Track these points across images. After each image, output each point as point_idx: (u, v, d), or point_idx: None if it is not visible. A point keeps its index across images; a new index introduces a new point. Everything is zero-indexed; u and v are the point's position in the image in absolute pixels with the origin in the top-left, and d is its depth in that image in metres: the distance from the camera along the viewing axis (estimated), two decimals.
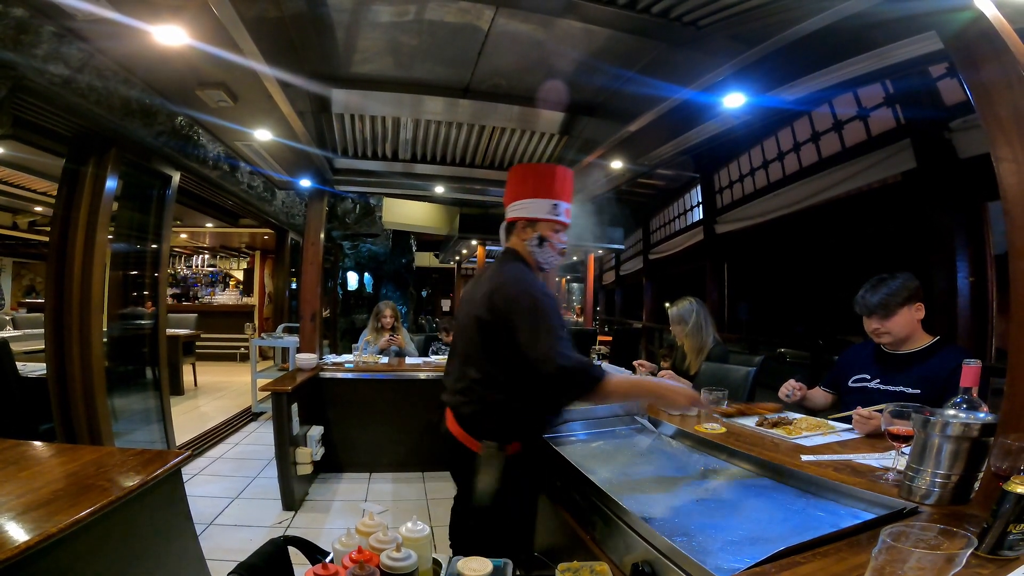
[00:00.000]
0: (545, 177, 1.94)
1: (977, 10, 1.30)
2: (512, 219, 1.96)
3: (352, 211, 8.67)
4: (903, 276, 2.17)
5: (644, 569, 1.27)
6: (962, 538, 0.85)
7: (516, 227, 1.95)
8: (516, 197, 1.95)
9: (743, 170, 6.23)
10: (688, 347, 3.51)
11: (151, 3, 2.20)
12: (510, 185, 1.99)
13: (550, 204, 1.91)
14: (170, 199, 4.32)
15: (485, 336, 1.79)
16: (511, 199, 1.97)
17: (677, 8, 2.21)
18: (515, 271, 1.85)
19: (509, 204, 1.97)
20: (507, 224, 1.98)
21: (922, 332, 2.18)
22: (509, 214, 1.97)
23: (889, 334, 2.18)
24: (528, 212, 1.92)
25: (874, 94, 4.12)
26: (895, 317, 2.15)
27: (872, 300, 2.18)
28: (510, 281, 1.80)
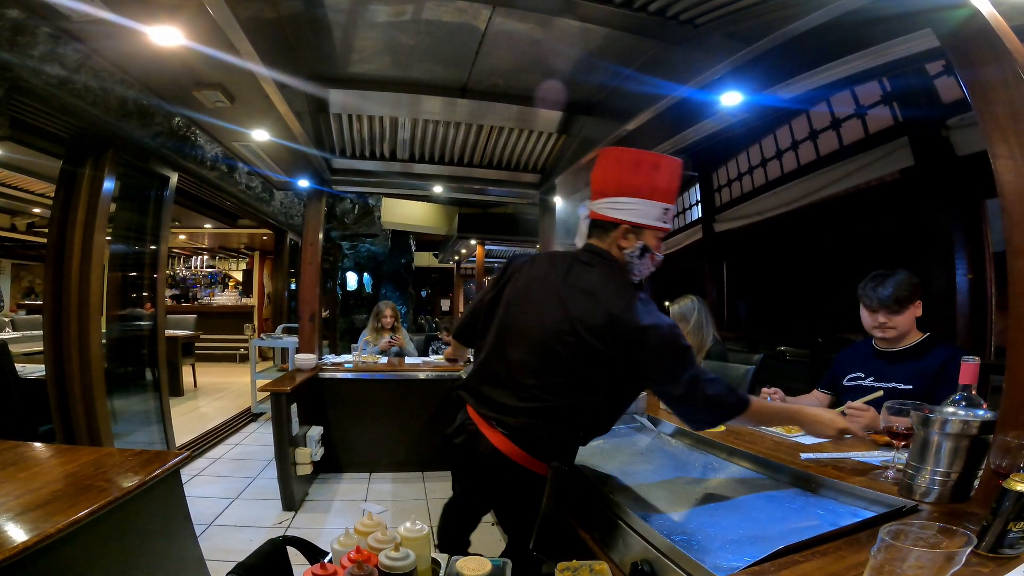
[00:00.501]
0: (662, 173, 1.57)
1: (973, 7, 1.30)
2: (611, 219, 1.58)
3: (351, 211, 8.67)
4: (904, 273, 2.17)
5: (643, 568, 1.27)
6: (961, 536, 0.85)
7: (615, 230, 1.59)
8: (620, 192, 1.57)
9: (741, 168, 6.23)
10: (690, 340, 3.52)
11: (147, 4, 2.20)
12: (608, 172, 1.60)
13: (661, 209, 1.58)
14: (168, 200, 4.32)
15: (590, 363, 1.49)
16: (609, 192, 1.59)
17: (674, 6, 2.20)
18: (629, 293, 1.52)
19: (604, 197, 1.60)
20: (601, 222, 1.62)
21: (915, 329, 2.21)
22: (605, 211, 1.59)
23: (895, 329, 2.19)
24: (635, 216, 1.57)
25: (871, 92, 4.12)
26: (904, 313, 2.16)
27: (884, 294, 2.18)
28: (632, 309, 1.46)
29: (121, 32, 2.39)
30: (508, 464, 1.56)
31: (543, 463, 1.54)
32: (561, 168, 4.31)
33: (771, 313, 6.38)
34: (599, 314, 1.47)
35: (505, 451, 1.55)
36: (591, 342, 1.46)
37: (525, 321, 1.62)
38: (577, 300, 1.52)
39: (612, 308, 1.47)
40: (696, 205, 7.48)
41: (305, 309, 4.39)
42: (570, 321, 1.50)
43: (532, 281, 1.67)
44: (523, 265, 1.75)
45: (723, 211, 6.71)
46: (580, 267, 1.60)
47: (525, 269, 1.73)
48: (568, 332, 1.49)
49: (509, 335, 1.64)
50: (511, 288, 1.72)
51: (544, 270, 1.67)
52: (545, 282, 1.63)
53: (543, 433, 1.56)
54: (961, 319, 3.49)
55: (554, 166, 4.44)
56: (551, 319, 1.54)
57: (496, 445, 1.56)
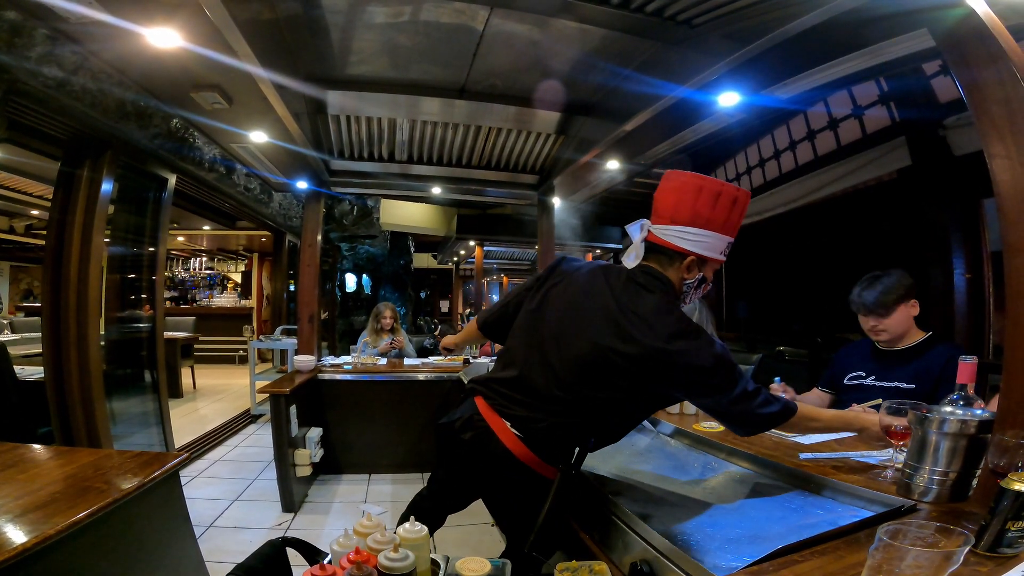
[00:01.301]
0: (737, 209, 1.53)
1: (969, 7, 1.30)
2: (681, 249, 1.52)
3: (349, 213, 8.67)
4: (897, 273, 2.17)
5: (643, 568, 1.27)
6: (959, 536, 0.85)
7: (682, 260, 1.54)
8: (694, 222, 1.51)
9: (739, 168, 6.23)
10: None
11: (144, 5, 2.20)
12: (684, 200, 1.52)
13: (727, 243, 1.55)
14: (166, 201, 4.32)
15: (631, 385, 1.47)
16: (681, 220, 1.52)
17: (671, 7, 2.21)
18: (686, 323, 1.47)
19: (675, 225, 1.53)
20: (667, 249, 1.54)
21: (916, 328, 2.20)
22: (675, 240, 1.52)
23: (887, 331, 2.19)
24: (704, 249, 1.52)
25: (869, 92, 4.12)
26: (893, 315, 2.16)
27: (869, 299, 2.19)
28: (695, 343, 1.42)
29: (119, 34, 2.39)
30: (518, 466, 1.55)
31: (552, 467, 1.54)
32: (559, 169, 4.31)
33: (770, 313, 6.38)
34: (652, 341, 1.42)
35: (517, 453, 1.54)
36: (638, 366, 1.44)
37: (570, 331, 1.57)
38: (631, 323, 1.47)
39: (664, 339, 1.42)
40: None
41: (304, 311, 4.39)
42: (622, 342, 1.45)
43: (583, 292, 1.62)
44: (573, 272, 1.71)
45: None
46: (636, 288, 1.54)
47: (575, 277, 1.68)
48: (616, 353, 1.45)
49: (548, 341, 1.60)
50: (558, 293, 1.67)
51: (598, 284, 1.60)
52: (598, 296, 1.57)
53: (561, 439, 1.55)
54: (959, 318, 3.50)
55: (552, 167, 4.44)
56: (600, 336, 1.49)
57: (508, 446, 1.55)
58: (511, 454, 1.54)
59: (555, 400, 1.53)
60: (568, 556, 1.19)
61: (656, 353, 1.41)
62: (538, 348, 1.61)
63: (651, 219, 1.60)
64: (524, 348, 1.65)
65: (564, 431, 1.55)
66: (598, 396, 1.51)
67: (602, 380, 1.49)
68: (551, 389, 1.54)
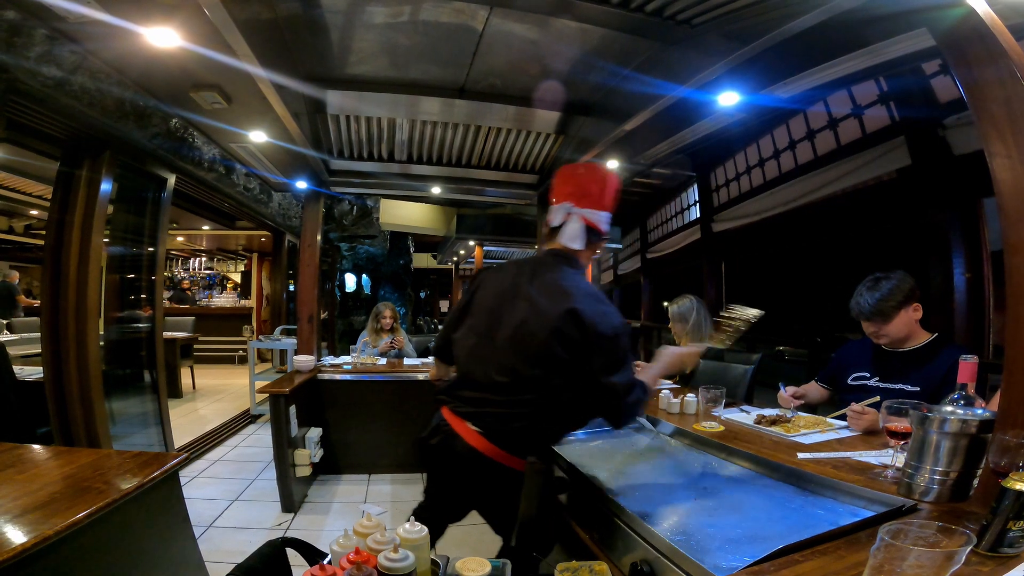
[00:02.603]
0: (617, 189, 1.80)
1: (968, 7, 1.30)
2: (597, 228, 1.76)
3: (349, 213, 8.66)
4: (897, 276, 2.15)
5: (643, 568, 1.27)
6: (961, 535, 0.85)
7: (598, 240, 1.78)
8: (601, 206, 1.76)
9: (739, 168, 6.24)
10: (686, 346, 3.51)
11: (143, 5, 2.19)
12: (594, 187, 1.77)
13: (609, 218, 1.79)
14: (166, 201, 4.31)
15: (567, 353, 1.59)
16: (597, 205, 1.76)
17: (671, 6, 2.21)
18: (595, 290, 1.69)
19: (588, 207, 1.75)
20: (588, 229, 1.75)
21: (920, 330, 2.17)
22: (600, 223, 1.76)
23: (887, 336, 2.17)
24: (605, 226, 1.77)
25: (868, 92, 4.13)
26: (893, 321, 2.13)
27: (867, 307, 2.16)
28: (601, 302, 1.64)
29: (118, 33, 2.39)
30: (484, 462, 1.63)
31: (519, 459, 1.60)
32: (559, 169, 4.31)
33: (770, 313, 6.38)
34: (573, 307, 1.57)
35: (481, 449, 1.62)
36: (568, 331, 1.56)
37: (497, 322, 1.70)
38: (547, 299, 1.63)
39: (580, 300, 1.59)
40: (694, 205, 7.49)
41: (304, 311, 4.39)
42: (540, 318, 1.61)
43: (501, 286, 1.78)
44: (489, 273, 1.88)
45: (721, 211, 6.72)
46: (547, 271, 1.72)
47: (491, 277, 1.86)
48: (551, 326, 1.58)
49: (482, 338, 1.73)
50: (480, 296, 1.83)
51: (511, 275, 1.78)
52: (515, 286, 1.73)
53: (517, 426, 1.63)
54: (959, 318, 3.50)
55: (552, 167, 4.44)
56: (521, 318, 1.65)
57: (472, 444, 1.63)
58: (476, 451, 1.62)
59: (499, 388, 1.64)
60: (568, 555, 1.19)
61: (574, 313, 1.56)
62: (476, 346, 1.74)
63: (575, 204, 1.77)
64: (466, 351, 1.78)
65: (519, 419, 1.63)
66: (535, 373, 1.61)
67: (533, 357, 1.60)
68: (491, 376, 1.65)
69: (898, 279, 2.14)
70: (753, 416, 2.32)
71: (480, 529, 3.04)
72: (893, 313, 2.13)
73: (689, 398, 2.49)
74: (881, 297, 2.13)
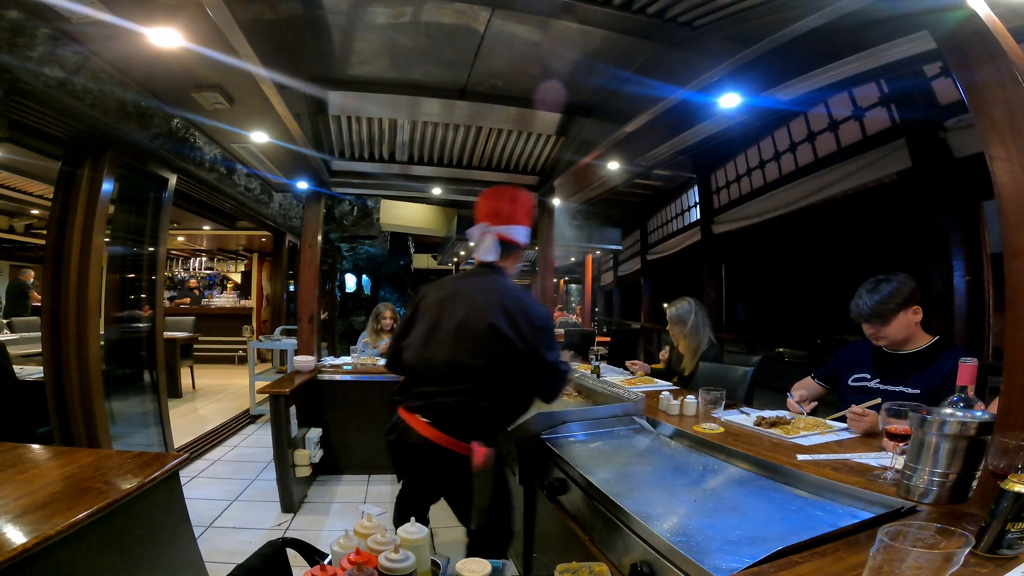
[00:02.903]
0: (533, 206, 2.23)
1: (970, 9, 1.30)
2: (512, 241, 2.09)
3: (350, 213, 8.67)
4: (898, 278, 2.14)
5: (643, 569, 1.28)
6: (960, 537, 0.85)
7: (515, 250, 2.12)
8: (513, 221, 2.08)
9: (740, 170, 6.24)
10: (684, 348, 3.51)
11: (146, 5, 2.20)
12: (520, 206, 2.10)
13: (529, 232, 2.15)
14: (167, 201, 4.32)
15: (502, 346, 1.88)
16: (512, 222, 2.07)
17: (672, 9, 2.21)
18: (521, 291, 2.04)
19: (507, 224, 2.06)
20: (505, 243, 2.07)
21: (921, 332, 2.17)
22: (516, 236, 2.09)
23: (886, 338, 2.17)
24: (524, 239, 2.12)
25: (869, 94, 4.13)
26: (891, 324, 2.13)
27: (866, 309, 2.15)
28: (526, 299, 1.99)
29: (120, 34, 2.39)
30: (435, 449, 1.88)
31: (465, 443, 1.86)
32: (560, 170, 4.32)
33: (770, 314, 6.39)
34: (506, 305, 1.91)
35: (431, 438, 1.88)
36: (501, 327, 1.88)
37: (439, 323, 1.99)
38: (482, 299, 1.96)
39: (511, 299, 1.94)
40: (695, 207, 7.50)
41: (304, 311, 4.39)
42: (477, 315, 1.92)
43: (441, 295, 2.07)
44: (431, 287, 2.16)
45: (722, 213, 6.72)
46: (478, 277, 2.07)
47: (433, 288, 2.14)
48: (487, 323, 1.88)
49: (428, 338, 1.99)
50: (424, 304, 2.10)
51: (449, 285, 2.11)
52: (454, 292, 2.05)
53: (463, 413, 1.89)
54: (959, 320, 3.50)
55: (553, 168, 4.45)
56: (461, 317, 1.94)
57: (423, 434, 1.89)
58: (427, 439, 1.89)
59: (444, 379, 1.90)
60: (568, 556, 1.19)
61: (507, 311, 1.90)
62: (422, 346, 2.00)
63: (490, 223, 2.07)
64: (414, 352, 2.02)
65: (464, 407, 1.89)
66: (476, 363, 1.88)
67: (473, 349, 1.89)
68: (437, 370, 1.92)
69: (899, 282, 2.13)
70: (753, 418, 2.32)
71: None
72: (891, 316, 2.12)
73: (689, 400, 2.49)
74: (880, 299, 2.12)
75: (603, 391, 2.86)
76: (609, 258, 12.01)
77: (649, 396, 2.70)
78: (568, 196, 5.48)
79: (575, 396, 3.13)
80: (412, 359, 2.02)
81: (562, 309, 15.66)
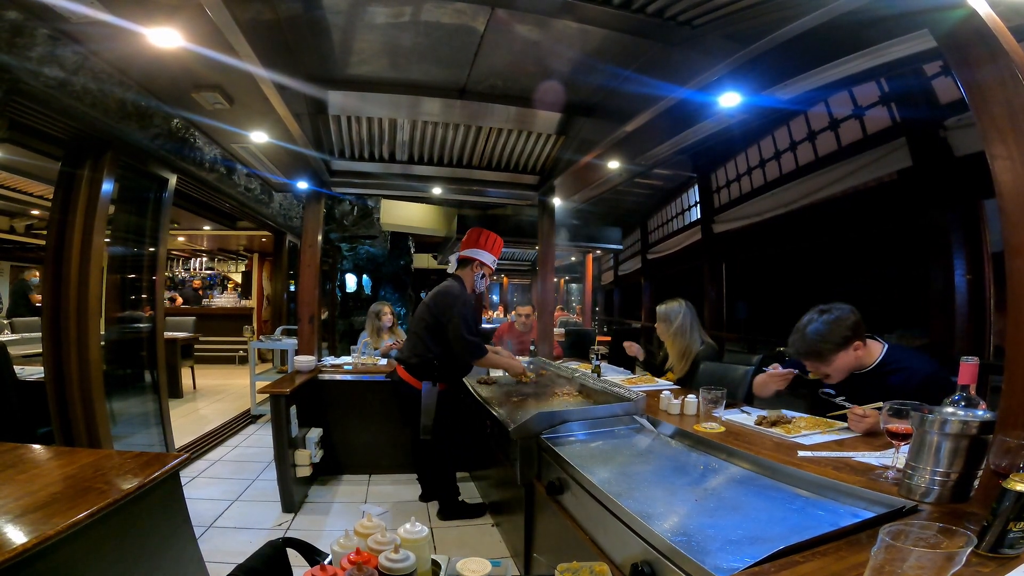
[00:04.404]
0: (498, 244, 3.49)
1: (970, 8, 1.30)
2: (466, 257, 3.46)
3: (350, 213, 8.67)
4: (839, 311, 2.03)
5: (643, 569, 1.27)
6: (962, 536, 0.85)
7: (468, 264, 3.44)
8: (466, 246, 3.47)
9: (740, 169, 6.23)
10: (672, 348, 3.51)
11: (145, 5, 2.20)
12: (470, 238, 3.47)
13: (492, 259, 3.47)
14: (167, 202, 4.31)
15: (430, 322, 3.28)
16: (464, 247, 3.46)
17: (671, 8, 2.21)
18: (450, 287, 3.31)
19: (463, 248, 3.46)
20: (461, 259, 3.47)
21: (868, 351, 2.08)
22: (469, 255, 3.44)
23: (826, 375, 2.09)
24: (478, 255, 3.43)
25: (869, 93, 4.12)
26: (832, 362, 2.05)
27: (802, 347, 2.06)
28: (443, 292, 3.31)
29: (120, 34, 2.39)
30: (404, 384, 3.32)
31: (419, 381, 3.26)
32: (560, 169, 4.31)
33: (770, 314, 6.38)
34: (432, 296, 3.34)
35: (403, 378, 3.32)
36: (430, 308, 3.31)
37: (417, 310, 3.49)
38: (431, 295, 3.38)
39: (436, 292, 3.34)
40: (695, 206, 7.49)
41: (304, 311, 4.39)
42: (426, 304, 3.38)
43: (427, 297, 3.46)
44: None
45: (722, 212, 6.72)
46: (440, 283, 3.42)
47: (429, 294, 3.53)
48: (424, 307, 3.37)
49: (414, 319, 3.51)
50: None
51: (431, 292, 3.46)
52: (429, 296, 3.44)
53: (415, 361, 3.29)
54: (960, 319, 3.50)
55: (553, 167, 4.44)
56: (421, 305, 3.43)
57: (400, 375, 3.35)
58: (400, 378, 3.34)
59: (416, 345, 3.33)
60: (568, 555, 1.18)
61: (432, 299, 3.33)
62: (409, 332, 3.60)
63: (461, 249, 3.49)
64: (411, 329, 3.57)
65: (416, 359, 3.29)
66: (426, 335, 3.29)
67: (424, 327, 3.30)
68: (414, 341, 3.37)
69: (837, 315, 2.02)
70: (754, 417, 2.32)
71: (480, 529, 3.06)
72: (830, 355, 2.03)
73: (690, 399, 2.49)
74: (819, 337, 2.03)
75: (603, 390, 2.86)
76: (609, 258, 12.00)
77: (649, 396, 2.70)
78: (568, 195, 5.47)
79: (575, 395, 3.13)
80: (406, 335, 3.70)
81: (563, 308, 15.66)
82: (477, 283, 3.41)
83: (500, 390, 3.40)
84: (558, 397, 3.14)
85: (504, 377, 3.69)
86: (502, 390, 3.40)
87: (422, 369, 3.25)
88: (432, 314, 3.25)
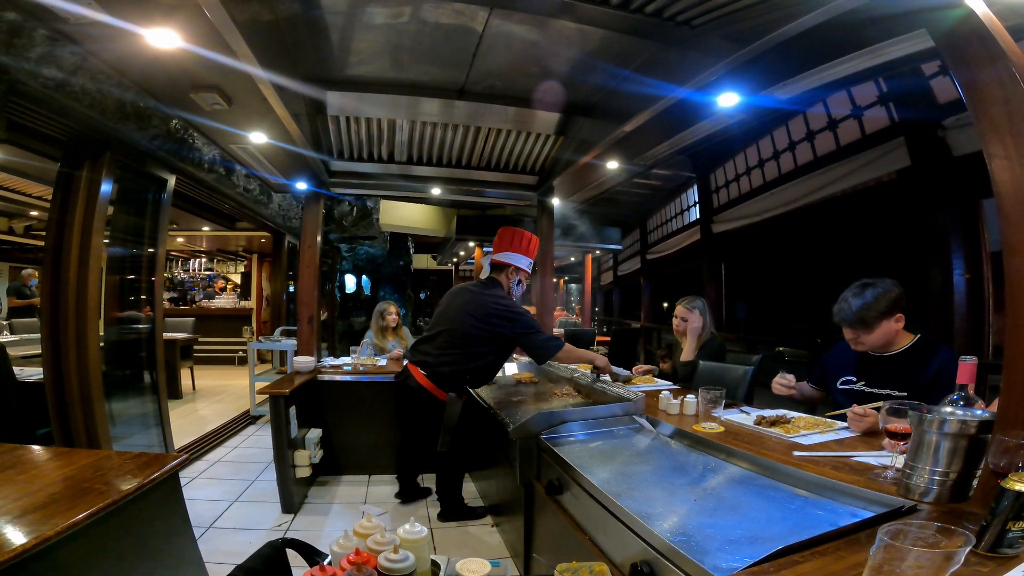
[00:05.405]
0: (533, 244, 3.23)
1: (967, 8, 1.30)
2: (500, 263, 3.18)
3: (349, 214, 8.67)
4: (884, 284, 2.11)
5: (643, 569, 1.28)
6: (960, 536, 0.85)
7: (507, 269, 3.17)
8: (500, 249, 3.19)
9: (739, 169, 6.24)
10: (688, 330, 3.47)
11: (144, 6, 2.20)
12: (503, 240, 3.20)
13: (528, 261, 3.20)
14: (166, 202, 4.31)
15: (478, 332, 2.98)
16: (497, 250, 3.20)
17: (670, 8, 2.21)
18: (497, 295, 3.06)
19: (502, 252, 3.17)
20: (495, 264, 3.20)
21: (903, 333, 2.15)
22: (502, 259, 3.16)
23: (865, 344, 2.16)
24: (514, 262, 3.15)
25: (868, 93, 4.13)
26: (875, 331, 2.11)
27: (850, 314, 2.13)
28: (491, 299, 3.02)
29: (118, 34, 2.39)
30: (425, 392, 3.00)
31: (444, 392, 2.98)
32: (559, 170, 4.32)
33: (770, 313, 6.39)
34: (487, 307, 2.98)
35: (424, 385, 3.00)
36: (480, 318, 2.97)
37: (453, 310, 3.10)
38: (481, 300, 3.03)
39: (492, 301, 3.00)
40: (695, 206, 7.50)
41: (303, 311, 4.39)
42: (473, 309, 3.01)
43: (451, 296, 3.22)
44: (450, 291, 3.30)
45: (721, 212, 6.72)
46: (478, 287, 3.16)
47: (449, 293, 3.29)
48: (472, 315, 2.99)
49: (436, 321, 3.18)
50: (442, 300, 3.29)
51: (459, 290, 3.23)
52: (459, 291, 3.22)
53: (447, 370, 2.98)
54: (958, 318, 3.50)
55: (552, 168, 4.44)
56: (466, 308, 3.03)
57: (419, 381, 3.02)
58: (420, 385, 3.01)
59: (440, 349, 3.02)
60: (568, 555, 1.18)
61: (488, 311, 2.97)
62: (432, 326, 3.19)
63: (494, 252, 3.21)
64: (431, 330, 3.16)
65: (448, 368, 2.99)
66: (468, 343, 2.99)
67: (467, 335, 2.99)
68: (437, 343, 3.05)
69: (884, 288, 2.10)
70: (753, 417, 2.32)
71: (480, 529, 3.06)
72: (875, 323, 2.10)
73: (689, 399, 2.49)
74: (865, 305, 2.10)
75: (603, 390, 2.86)
76: (609, 258, 12.01)
77: (649, 396, 2.70)
78: (567, 195, 5.48)
79: (575, 396, 3.13)
80: (424, 334, 3.21)
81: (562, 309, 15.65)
82: (514, 289, 3.18)
83: (500, 391, 3.40)
84: (557, 397, 3.15)
85: (504, 378, 3.69)
86: (501, 391, 3.40)
87: (453, 380, 2.98)
88: (484, 323, 2.93)
